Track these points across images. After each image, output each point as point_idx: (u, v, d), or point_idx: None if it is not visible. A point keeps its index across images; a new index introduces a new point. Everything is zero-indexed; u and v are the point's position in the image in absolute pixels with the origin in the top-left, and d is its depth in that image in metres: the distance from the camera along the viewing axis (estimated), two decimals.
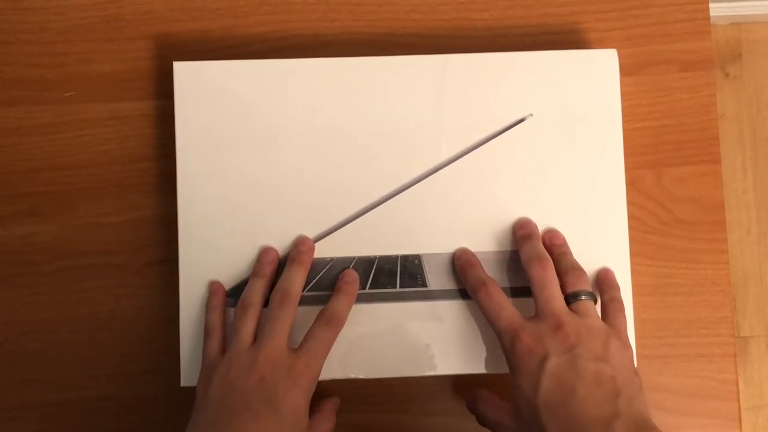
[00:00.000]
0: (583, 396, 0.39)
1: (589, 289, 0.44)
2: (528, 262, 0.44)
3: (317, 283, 0.46)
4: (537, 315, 0.43)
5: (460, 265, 0.46)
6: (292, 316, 0.44)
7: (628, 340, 0.43)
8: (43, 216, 0.49)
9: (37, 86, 0.50)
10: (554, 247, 0.46)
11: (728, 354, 0.49)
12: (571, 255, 0.46)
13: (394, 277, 0.46)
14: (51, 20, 0.50)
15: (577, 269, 0.44)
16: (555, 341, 0.41)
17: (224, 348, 0.44)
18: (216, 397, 0.42)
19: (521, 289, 0.46)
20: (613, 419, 0.39)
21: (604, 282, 0.46)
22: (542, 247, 0.45)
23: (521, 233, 0.46)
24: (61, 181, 0.49)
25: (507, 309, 0.43)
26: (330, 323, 0.44)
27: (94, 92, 0.50)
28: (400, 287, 0.46)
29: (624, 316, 0.44)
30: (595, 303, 0.44)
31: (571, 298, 0.43)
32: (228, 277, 0.46)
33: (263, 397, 0.41)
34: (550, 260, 0.44)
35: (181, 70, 0.47)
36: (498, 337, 0.43)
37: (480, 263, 0.46)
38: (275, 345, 0.42)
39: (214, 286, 0.46)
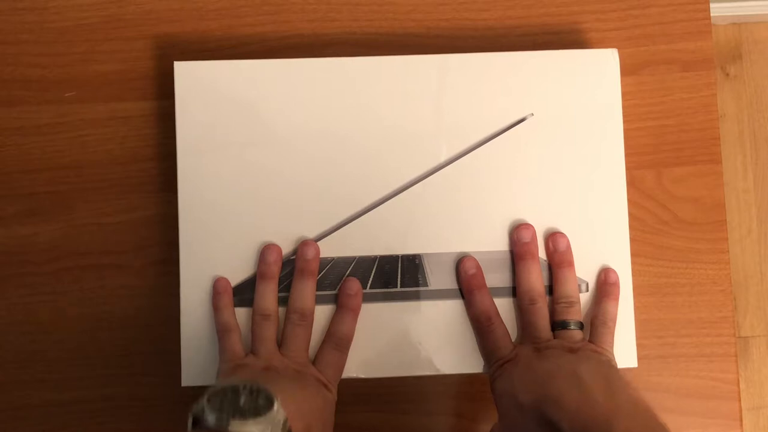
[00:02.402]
0: (548, 360, 0.42)
1: (578, 319, 0.45)
2: (521, 291, 0.45)
3: (318, 282, 0.46)
4: (522, 341, 0.45)
5: (470, 285, 0.46)
6: (310, 330, 0.45)
7: (609, 358, 0.44)
8: (43, 216, 0.49)
9: (38, 86, 0.50)
10: (557, 254, 0.46)
11: (729, 354, 0.49)
12: (571, 270, 0.46)
13: (395, 276, 0.46)
14: (51, 20, 0.50)
15: (570, 299, 0.45)
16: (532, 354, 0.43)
17: (244, 346, 0.45)
18: (248, 372, 0.42)
19: (516, 290, 0.46)
20: (579, 364, 0.41)
21: (600, 290, 0.46)
22: (537, 276, 0.45)
23: (519, 251, 0.46)
24: (61, 181, 0.49)
25: (503, 340, 0.45)
26: (340, 346, 0.45)
27: (94, 92, 0.50)
28: (401, 287, 0.46)
29: (611, 341, 0.45)
30: (582, 329, 0.45)
31: (558, 326, 0.45)
32: (229, 277, 0.46)
33: (298, 379, 0.42)
34: (543, 295, 0.45)
35: (182, 70, 0.47)
36: (486, 362, 0.46)
37: (486, 284, 0.46)
38: (300, 358, 0.44)
39: (221, 284, 0.45)
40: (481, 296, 0.45)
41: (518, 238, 0.46)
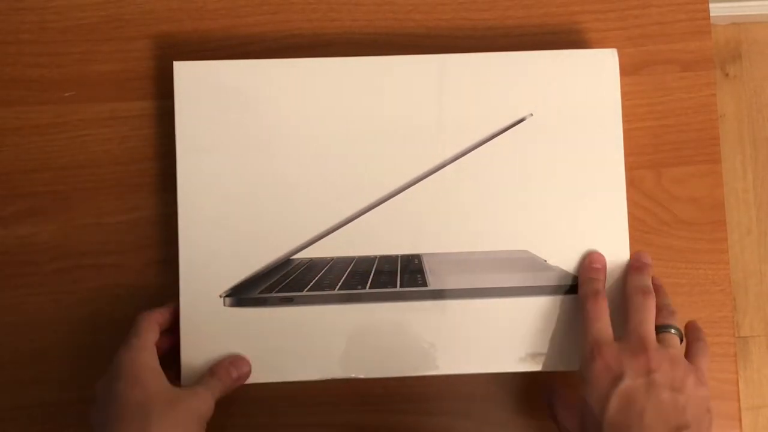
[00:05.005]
0: (649, 422, 0.39)
1: (680, 326, 0.44)
2: (634, 289, 0.44)
3: (318, 282, 0.46)
4: (625, 336, 0.43)
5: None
6: None
7: (707, 381, 0.43)
8: (43, 216, 0.49)
9: (37, 86, 0.50)
10: (654, 282, 0.46)
11: (728, 354, 0.49)
12: (668, 296, 0.46)
13: (395, 276, 0.46)
14: (51, 20, 0.50)
15: (672, 309, 0.45)
16: (635, 363, 0.41)
17: None
18: None
19: (515, 290, 0.46)
20: None
21: (694, 328, 0.46)
22: (650, 282, 0.45)
23: (635, 264, 0.46)
24: (61, 181, 0.49)
25: (602, 321, 0.43)
26: None
27: (94, 92, 0.50)
28: (400, 287, 0.46)
29: (707, 360, 0.44)
30: (681, 342, 0.44)
31: (659, 329, 0.43)
32: (228, 277, 0.46)
33: None
34: (654, 296, 0.44)
35: (181, 70, 0.47)
36: (581, 346, 0.43)
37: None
38: None
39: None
40: (600, 277, 0.46)
41: (635, 259, 0.47)
